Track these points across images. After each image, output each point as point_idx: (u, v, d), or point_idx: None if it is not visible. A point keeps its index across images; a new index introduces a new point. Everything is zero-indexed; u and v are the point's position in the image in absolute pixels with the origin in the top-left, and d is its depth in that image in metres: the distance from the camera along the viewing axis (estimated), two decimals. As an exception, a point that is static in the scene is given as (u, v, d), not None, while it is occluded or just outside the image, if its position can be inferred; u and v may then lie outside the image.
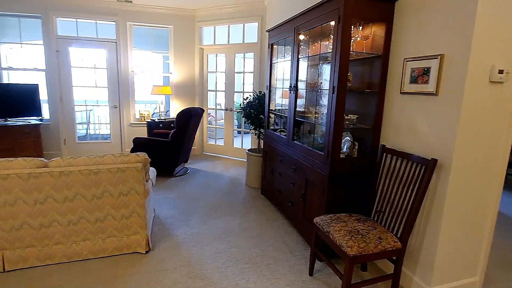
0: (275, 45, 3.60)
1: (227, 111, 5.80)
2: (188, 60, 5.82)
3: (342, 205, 2.41)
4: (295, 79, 2.92)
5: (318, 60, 2.75)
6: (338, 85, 2.18)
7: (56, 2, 5.02)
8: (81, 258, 2.36)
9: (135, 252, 2.49)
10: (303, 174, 2.74)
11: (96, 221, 2.32)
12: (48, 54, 5.16)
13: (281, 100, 3.55)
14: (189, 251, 2.58)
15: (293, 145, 3.00)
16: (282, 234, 2.94)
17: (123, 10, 5.33)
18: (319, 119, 2.66)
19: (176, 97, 5.91)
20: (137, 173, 2.28)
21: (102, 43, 5.44)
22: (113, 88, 5.60)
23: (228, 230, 2.98)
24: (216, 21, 5.50)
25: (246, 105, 4.19)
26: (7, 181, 2.03)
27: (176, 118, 4.39)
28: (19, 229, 2.16)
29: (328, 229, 2.02)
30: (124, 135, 5.76)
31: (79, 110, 5.77)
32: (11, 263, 2.21)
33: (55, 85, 5.26)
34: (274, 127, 3.82)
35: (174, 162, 4.52)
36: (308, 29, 2.69)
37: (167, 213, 3.33)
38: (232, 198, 3.85)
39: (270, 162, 3.68)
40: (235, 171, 5.03)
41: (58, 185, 2.14)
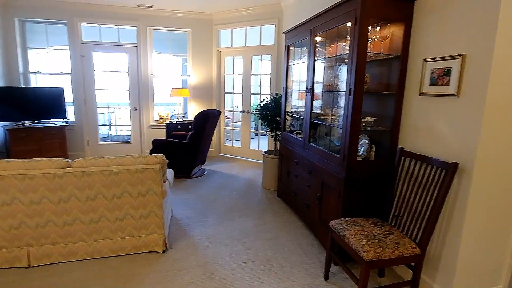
0: (292, 47, 3.59)
1: (244, 113, 5.84)
2: (206, 63, 5.91)
3: (358, 208, 2.37)
4: (311, 81, 2.91)
5: (335, 62, 2.73)
6: (354, 87, 2.16)
7: (81, 8, 5.23)
8: (102, 255, 2.44)
9: (152, 251, 2.55)
10: (319, 176, 2.72)
11: (116, 220, 2.39)
12: (73, 59, 5.38)
13: (297, 102, 3.54)
14: (205, 252, 2.61)
15: (309, 148, 2.98)
16: (298, 236, 2.93)
17: (144, 15, 5.48)
18: (336, 121, 2.63)
19: (194, 99, 6.00)
20: (155, 174, 2.34)
21: (124, 47, 5.62)
22: (134, 90, 5.76)
23: (243, 232, 3.00)
24: (233, 24, 5.55)
25: (262, 107, 4.20)
26: (33, 180, 2.14)
27: (194, 120, 4.47)
28: (44, 226, 2.27)
29: (343, 233, 2.00)
30: (143, 137, 5.91)
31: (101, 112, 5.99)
32: (36, 259, 2.31)
33: (79, 89, 5.48)
34: (291, 129, 3.81)
35: (191, 164, 4.59)
36: (324, 31, 2.67)
37: (184, 213, 3.39)
38: (248, 199, 3.87)
39: (286, 164, 3.67)
40: (251, 173, 5.05)
41: (81, 185, 2.23)
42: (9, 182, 2.10)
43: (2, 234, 2.22)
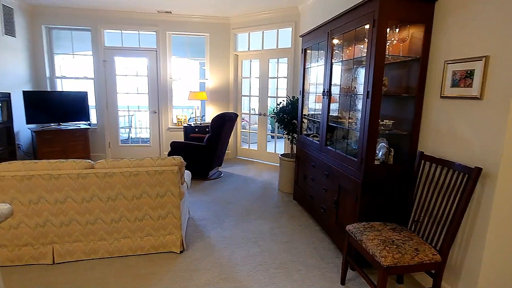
0: (309, 50, 3.59)
1: (260, 116, 5.86)
2: (223, 66, 5.98)
3: (376, 213, 2.33)
4: (328, 84, 2.89)
5: (352, 65, 2.70)
6: (372, 90, 2.13)
7: (104, 15, 5.42)
8: (121, 254, 2.51)
9: (170, 252, 2.60)
10: (336, 180, 2.70)
11: (135, 220, 2.46)
12: (96, 64, 5.59)
13: (314, 105, 3.52)
14: (221, 253, 2.63)
15: (325, 151, 2.96)
16: (314, 240, 2.90)
17: (163, 20, 5.62)
18: (353, 125, 2.60)
19: (212, 102, 6.08)
20: (173, 176, 2.39)
21: (144, 52, 5.78)
22: (153, 94, 5.91)
23: (259, 234, 3.00)
24: (250, 28, 5.60)
25: (279, 110, 4.21)
26: (59, 180, 2.23)
27: (211, 123, 4.53)
28: (68, 224, 2.36)
29: (361, 237, 1.97)
30: (162, 139, 6.04)
31: (122, 115, 6.15)
32: (60, 256, 2.41)
33: (102, 92, 5.67)
34: (307, 132, 3.80)
35: (208, 166, 4.65)
36: (342, 33, 2.65)
37: (201, 215, 3.43)
38: (264, 202, 3.88)
39: (302, 167, 3.65)
40: (267, 175, 5.06)
41: (103, 185, 2.31)
42: (36, 182, 2.21)
43: (28, 231, 2.32)
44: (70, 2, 4.95)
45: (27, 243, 2.36)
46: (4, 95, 4.19)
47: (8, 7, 4.61)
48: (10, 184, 2.18)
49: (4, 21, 4.53)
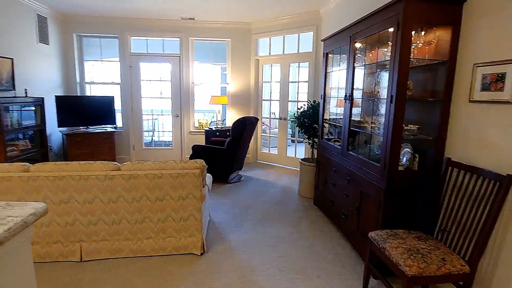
0: (330, 54, 3.56)
1: (281, 120, 5.86)
2: (244, 71, 6.04)
3: (399, 220, 2.27)
4: (350, 88, 2.86)
5: (375, 68, 2.66)
6: (396, 94, 2.09)
7: (130, 23, 5.64)
8: (145, 254, 2.58)
9: (191, 253, 2.64)
10: (358, 185, 2.65)
11: (158, 221, 2.52)
12: (123, 69, 5.81)
13: (335, 109, 3.48)
14: (241, 257, 2.65)
15: (347, 156, 2.91)
16: (335, 246, 2.86)
17: (186, 27, 5.77)
18: (376, 129, 2.55)
19: (232, 107, 6.15)
20: (195, 179, 2.44)
21: (167, 58, 5.95)
22: (176, 98, 6.06)
23: (279, 239, 2.99)
24: (271, 33, 5.64)
25: (300, 115, 4.20)
26: (88, 181, 2.33)
27: (232, 127, 4.58)
28: (95, 224, 2.46)
29: (384, 245, 1.92)
30: (184, 142, 6.17)
31: (146, 119, 6.34)
32: (87, 254, 2.51)
33: (127, 97, 5.88)
34: (328, 136, 3.76)
35: (229, 169, 4.69)
36: (364, 37, 2.62)
37: (221, 218, 3.47)
38: (284, 206, 3.86)
39: (323, 172, 3.62)
40: (288, 180, 5.04)
41: (128, 187, 2.39)
42: (67, 183, 2.32)
43: (58, 229, 2.44)
44: (100, 11, 5.18)
45: (57, 240, 2.47)
46: (38, 99, 4.43)
47: (42, 17, 4.89)
48: (44, 184, 2.30)
49: (39, 30, 4.81)
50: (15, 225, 0.99)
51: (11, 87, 4.19)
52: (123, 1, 4.60)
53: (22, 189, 2.29)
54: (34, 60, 4.72)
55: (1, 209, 1.10)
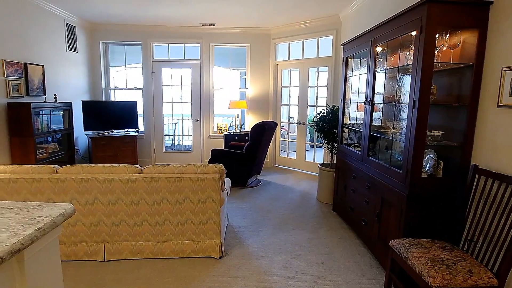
0: (350, 59, 3.53)
1: (299, 124, 5.83)
2: (263, 76, 6.07)
3: (422, 229, 2.20)
4: (371, 92, 2.82)
5: (397, 73, 2.60)
6: (419, 99, 2.04)
7: (153, 30, 5.82)
8: (164, 256, 2.63)
9: (209, 257, 2.66)
10: (379, 192, 2.59)
11: (178, 224, 2.57)
12: (145, 75, 5.99)
13: (355, 114, 3.43)
14: (259, 261, 2.65)
15: (368, 161, 2.86)
16: (354, 254, 2.80)
17: (207, 33, 5.88)
18: (398, 135, 2.50)
19: (251, 111, 6.19)
20: (214, 183, 2.47)
21: (188, 63, 6.08)
22: (196, 103, 6.17)
23: (297, 244, 2.97)
24: (290, 37, 5.65)
25: (319, 119, 4.17)
26: (111, 183, 2.41)
27: (250, 131, 4.60)
28: (118, 225, 2.54)
29: (406, 254, 1.87)
30: (203, 146, 6.26)
31: (166, 123, 6.49)
32: (110, 254, 2.59)
33: (149, 102, 6.05)
34: (348, 141, 3.71)
35: (247, 174, 4.71)
36: (386, 41, 2.58)
37: (239, 222, 3.48)
38: (302, 212, 3.83)
39: (342, 177, 3.56)
40: (306, 185, 5.00)
41: (149, 190, 2.45)
42: (92, 184, 2.41)
43: (84, 229, 2.53)
44: (124, 19, 5.38)
45: (82, 240, 2.57)
46: (66, 104, 4.64)
47: (71, 26, 5.14)
48: (71, 186, 2.40)
49: (68, 38, 5.05)
50: (45, 225, 1.04)
51: (42, 93, 4.42)
52: (147, 10, 4.76)
53: (51, 190, 2.40)
54: (63, 67, 4.96)
55: (32, 209, 1.16)
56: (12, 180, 2.35)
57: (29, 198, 2.41)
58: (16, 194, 2.39)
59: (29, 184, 2.37)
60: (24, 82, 4.08)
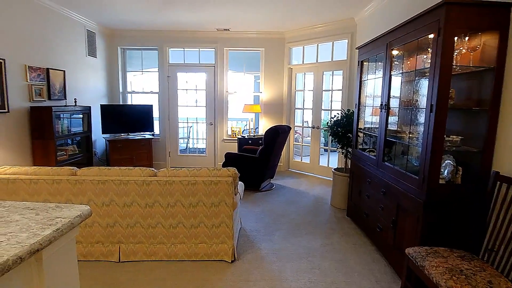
0: (365, 62, 3.49)
1: (313, 128, 5.80)
2: (277, 80, 6.08)
3: (440, 237, 2.13)
4: (386, 96, 2.77)
5: (414, 76, 2.55)
6: (437, 103, 1.99)
7: (169, 35, 5.93)
8: (178, 258, 2.65)
9: (222, 260, 2.67)
10: (394, 198, 2.54)
11: (191, 227, 2.59)
12: (161, 80, 6.11)
13: (370, 119, 3.38)
14: (272, 266, 2.63)
15: (383, 167, 2.81)
16: (369, 261, 2.75)
17: (221, 37, 5.95)
18: (414, 140, 2.44)
19: (265, 115, 6.20)
20: (227, 187, 2.48)
21: (203, 68, 6.16)
22: (210, 107, 6.23)
23: (310, 250, 2.94)
24: (305, 41, 5.64)
25: (333, 124, 4.13)
26: (127, 186, 2.46)
27: (264, 135, 4.61)
28: (133, 226, 2.58)
29: (423, 263, 1.82)
30: (217, 150, 6.30)
31: (181, 126, 6.58)
32: (125, 255, 2.63)
33: (165, 105, 6.16)
34: (363, 146, 3.65)
35: (260, 177, 4.71)
36: (402, 44, 2.54)
37: (252, 226, 3.48)
38: (316, 217, 3.79)
39: (357, 183, 3.51)
40: (320, 189, 4.95)
41: (164, 192, 2.49)
42: (109, 186, 2.47)
43: (100, 230, 2.59)
44: (142, 25, 5.52)
45: (99, 241, 2.63)
46: (85, 108, 4.79)
47: (91, 32, 5.31)
48: (88, 187, 2.47)
49: (88, 44, 5.22)
50: (63, 226, 1.07)
51: (63, 97, 4.57)
52: (164, 16, 4.86)
53: (70, 191, 2.48)
54: (83, 72, 5.12)
55: (51, 210, 1.20)
56: (33, 181, 2.44)
57: (49, 199, 2.49)
58: (36, 195, 2.47)
59: (49, 185, 2.45)
60: (46, 86, 4.23)
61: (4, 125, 3.53)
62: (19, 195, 2.47)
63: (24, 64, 3.83)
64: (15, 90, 3.69)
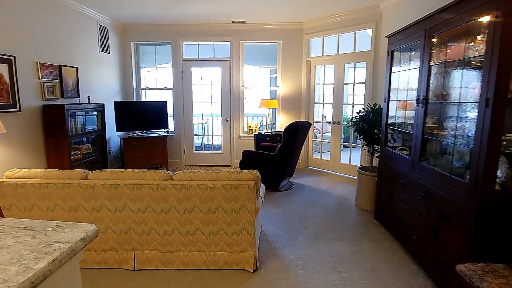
0: (396, 52, 3.18)
1: (334, 124, 5.50)
2: (295, 73, 5.80)
3: (495, 251, 1.86)
4: (424, 89, 2.48)
5: (461, 66, 2.25)
6: (495, 97, 1.70)
7: (183, 29, 5.73)
8: (195, 267, 2.47)
9: (243, 269, 2.47)
10: (436, 204, 2.26)
11: (210, 234, 2.40)
12: (175, 75, 5.93)
13: (403, 114, 3.09)
14: (297, 277, 2.41)
15: (420, 168, 2.53)
16: (404, 272, 2.49)
17: (237, 30, 5.70)
18: (459, 138, 2.15)
19: (283, 110, 5.94)
20: (249, 191, 2.26)
21: (218, 62, 5.94)
22: (225, 102, 6.02)
23: (338, 258, 2.70)
24: (325, 32, 5.32)
25: (358, 119, 3.84)
26: (141, 190, 2.29)
27: (284, 132, 4.36)
28: (148, 233, 2.41)
29: (480, 284, 1.55)
30: (233, 147, 6.10)
31: (196, 123, 6.40)
32: (140, 263, 2.47)
33: (179, 101, 5.99)
34: (392, 144, 3.36)
35: (280, 177, 4.49)
36: (445, 30, 2.24)
37: (273, 230, 3.27)
38: (341, 220, 3.54)
39: (387, 184, 3.23)
40: (342, 189, 4.68)
41: (180, 197, 2.30)
42: (122, 191, 2.30)
43: (113, 237, 2.44)
44: (155, 19, 5.34)
45: (112, 248, 2.48)
46: (99, 105, 4.66)
47: (104, 27, 5.16)
48: (100, 192, 2.31)
49: (101, 40, 5.08)
50: (61, 255, 0.88)
51: (76, 94, 4.46)
52: (177, 8, 4.65)
53: (81, 196, 2.32)
54: (96, 68, 5.00)
55: (50, 232, 1.01)
56: (43, 185, 2.29)
57: (60, 204, 2.34)
58: (47, 200, 2.33)
59: (60, 189, 2.30)
60: (59, 84, 4.12)
61: (16, 125, 3.43)
62: (29, 200, 2.33)
63: (36, 61, 3.71)
64: (27, 88, 3.58)
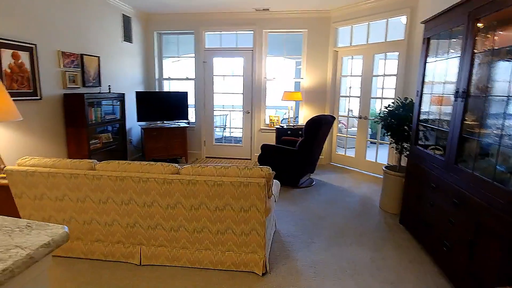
0: (433, 40, 2.84)
1: (361, 119, 5.17)
2: (321, 64, 5.50)
3: (546, 274, 1.57)
4: (466, 82, 2.16)
5: (510, 55, 1.92)
6: (556, 91, 1.40)
7: (206, 18, 5.60)
8: (202, 266, 2.36)
9: (251, 272, 2.32)
10: (472, 213, 1.97)
11: (217, 233, 2.26)
12: (197, 65, 5.83)
13: (437, 109, 2.76)
14: (309, 283, 2.23)
15: (455, 170, 2.23)
16: (431, 287, 2.22)
17: (260, 18, 5.48)
18: (505, 138, 1.84)
19: (306, 103, 5.68)
20: (260, 190, 2.09)
21: (240, 52, 5.77)
22: (247, 94, 5.85)
23: (357, 265, 2.48)
24: (353, 20, 4.96)
25: (386, 114, 3.52)
26: (147, 184, 2.19)
27: (305, 126, 4.14)
28: (154, 228, 2.32)
29: (526, 316, 1.29)
30: (254, 140, 5.94)
31: (217, 114, 6.30)
32: (146, 258, 2.40)
33: (200, 92, 5.90)
34: (424, 142, 3.04)
35: (299, 173, 4.28)
36: (491, 13, 1.91)
37: (287, 229, 3.09)
38: (362, 222, 3.29)
39: (415, 186, 2.93)
40: (366, 188, 4.39)
41: (186, 193, 2.17)
42: (128, 184, 2.21)
43: (120, 230, 2.37)
44: (178, 8, 5.24)
45: (119, 241, 2.42)
46: (120, 95, 4.67)
47: (127, 16, 5.14)
48: (106, 184, 2.24)
49: (124, 29, 5.07)
50: (14, 264, 0.76)
51: (97, 84, 4.48)
52: (198, -5, 4.52)
53: (88, 187, 2.27)
54: (118, 58, 5.00)
55: (16, 234, 0.90)
56: (51, 174, 2.26)
57: (68, 194, 2.30)
58: (55, 189, 2.30)
59: (67, 179, 2.26)
60: (81, 73, 4.14)
61: (37, 113, 3.47)
62: (39, 189, 2.32)
63: (58, 50, 3.73)
64: (48, 77, 3.61)
